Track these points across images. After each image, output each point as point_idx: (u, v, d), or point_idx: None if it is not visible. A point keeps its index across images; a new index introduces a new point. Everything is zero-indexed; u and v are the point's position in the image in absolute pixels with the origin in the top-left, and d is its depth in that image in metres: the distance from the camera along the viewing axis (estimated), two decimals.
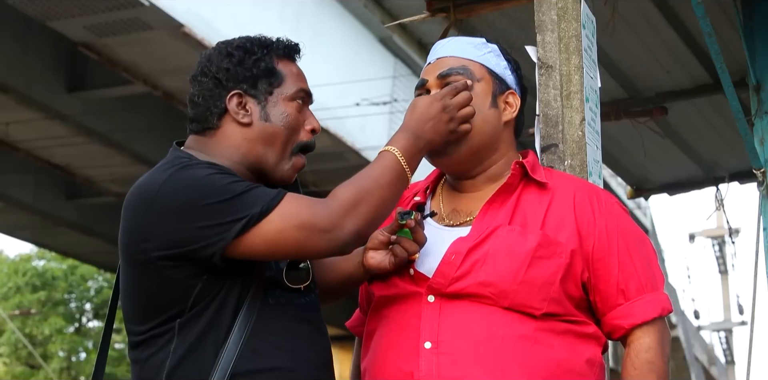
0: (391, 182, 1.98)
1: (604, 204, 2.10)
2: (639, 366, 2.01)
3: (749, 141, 3.52)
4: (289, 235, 1.91)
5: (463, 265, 2.01)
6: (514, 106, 2.17)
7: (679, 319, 21.79)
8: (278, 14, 11.49)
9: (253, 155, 2.09)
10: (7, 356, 25.07)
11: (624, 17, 3.70)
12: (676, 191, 5.50)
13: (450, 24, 3.60)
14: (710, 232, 28.45)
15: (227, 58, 2.11)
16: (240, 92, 2.09)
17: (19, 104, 11.20)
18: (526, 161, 2.14)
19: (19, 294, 24.97)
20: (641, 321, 2.04)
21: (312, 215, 1.91)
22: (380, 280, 2.13)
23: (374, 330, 2.13)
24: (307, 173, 13.56)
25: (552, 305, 1.99)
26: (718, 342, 29.58)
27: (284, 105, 2.11)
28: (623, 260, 2.06)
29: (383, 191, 1.96)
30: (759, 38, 3.71)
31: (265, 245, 1.92)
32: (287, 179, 2.12)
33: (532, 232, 2.02)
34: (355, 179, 1.98)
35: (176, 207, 1.93)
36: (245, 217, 1.90)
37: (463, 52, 2.18)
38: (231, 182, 1.94)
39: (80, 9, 9.49)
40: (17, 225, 15.45)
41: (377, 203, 1.95)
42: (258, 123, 2.09)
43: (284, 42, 2.18)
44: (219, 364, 1.93)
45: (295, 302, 2.05)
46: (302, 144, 2.13)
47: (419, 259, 2.07)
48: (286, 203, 1.93)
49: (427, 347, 1.98)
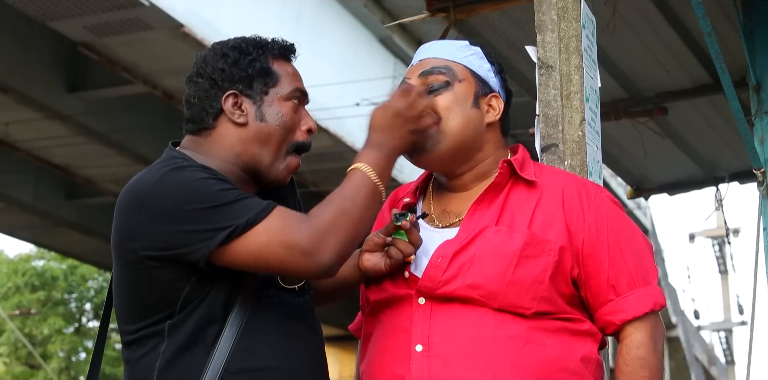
0: (366, 198, 1.97)
1: (593, 199, 2.08)
2: (631, 363, 2.00)
3: (749, 141, 3.52)
4: (273, 251, 1.90)
5: (450, 268, 2.00)
6: (497, 109, 2.16)
7: (679, 319, 21.78)
8: (278, 14, 11.50)
9: (247, 155, 2.08)
10: (6, 356, 25.08)
11: (624, 17, 3.70)
12: (676, 191, 5.50)
13: (450, 24, 3.60)
14: (710, 232, 28.42)
15: (222, 58, 2.11)
16: (236, 92, 2.09)
17: (19, 104, 11.20)
18: (514, 159, 2.12)
19: (18, 294, 24.97)
20: (632, 316, 2.02)
21: (296, 235, 1.90)
22: (374, 284, 2.13)
23: (370, 334, 2.13)
24: (307, 173, 13.56)
25: (543, 303, 1.99)
26: (718, 342, 29.58)
27: (280, 105, 2.11)
28: (613, 255, 2.04)
29: (360, 209, 1.95)
30: (759, 38, 3.71)
31: (249, 257, 1.91)
32: (281, 179, 2.12)
33: (518, 231, 2.02)
34: (332, 200, 1.96)
35: (164, 209, 1.92)
36: (230, 227, 1.89)
37: (446, 53, 2.18)
38: (222, 189, 1.93)
39: (80, 9, 9.49)
40: (17, 225, 15.45)
41: (356, 222, 1.94)
42: (253, 123, 2.09)
43: (279, 42, 2.18)
44: (210, 363, 1.92)
45: (288, 302, 2.05)
46: (298, 144, 2.13)
47: (414, 261, 2.06)
48: (273, 218, 1.91)
49: (419, 350, 1.97)
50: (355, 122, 12.80)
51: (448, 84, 2.12)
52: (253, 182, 2.11)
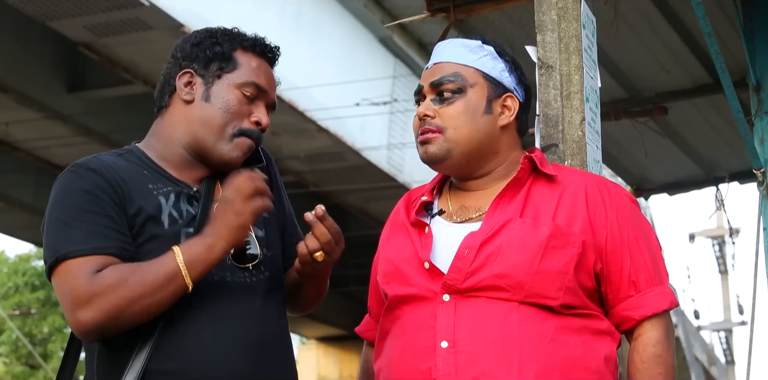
0: (158, 281, 1.94)
1: (614, 197, 2.11)
2: (647, 360, 2.02)
3: (749, 141, 3.52)
4: (60, 292, 1.97)
5: (477, 259, 2.01)
6: (512, 109, 2.17)
7: (679, 319, 21.78)
8: (278, 14, 11.50)
9: (190, 133, 2.12)
10: (6, 355, 25.08)
11: (624, 17, 3.70)
12: (676, 191, 5.51)
13: (450, 24, 3.59)
14: (710, 232, 28.42)
15: (190, 39, 2.18)
16: (191, 72, 2.15)
17: (19, 104, 11.20)
18: (534, 156, 2.15)
19: (18, 294, 24.98)
20: (652, 312, 2.04)
21: (77, 286, 1.94)
22: (394, 279, 2.12)
23: (388, 331, 2.12)
24: (307, 173, 13.57)
25: (568, 295, 2.00)
26: (718, 342, 29.57)
27: (228, 91, 2.14)
28: (634, 253, 2.07)
29: (143, 287, 1.93)
30: (759, 38, 3.71)
31: (56, 288, 1.98)
32: (230, 160, 2.13)
33: (544, 224, 2.03)
34: (132, 267, 1.96)
35: (47, 209, 2.05)
36: (58, 252, 1.97)
37: (459, 57, 2.18)
38: (80, 208, 1.99)
39: (80, 9, 9.50)
40: (17, 225, 15.44)
41: (129, 298, 1.92)
42: (198, 102, 2.13)
43: (256, 37, 2.21)
44: (138, 345, 1.97)
45: (232, 281, 2.07)
46: (243, 129, 2.14)
47: (433, 256, 2.06)
48: (79, 261, 1.95)
49: (444, 346, 1.97)
50: (355, 122, 12.80)
51: (460, 91, 2.13)
52: (202, 165, 2.14)
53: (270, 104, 2.20)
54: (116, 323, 1.94)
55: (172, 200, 2.08)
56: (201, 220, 2.06)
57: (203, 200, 2.10)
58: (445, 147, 2.11)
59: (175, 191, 2.10)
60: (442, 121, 2.12)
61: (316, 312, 20.71)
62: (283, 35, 11.86)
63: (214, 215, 2.02)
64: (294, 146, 12.81)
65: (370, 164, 13.44)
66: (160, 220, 2.04)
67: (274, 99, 2.21)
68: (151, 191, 2.07)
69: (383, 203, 14.88)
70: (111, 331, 1.95)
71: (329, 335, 22.12)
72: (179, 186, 2.11)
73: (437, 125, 2.12)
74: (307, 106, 11.72)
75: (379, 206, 14.82)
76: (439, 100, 2.14)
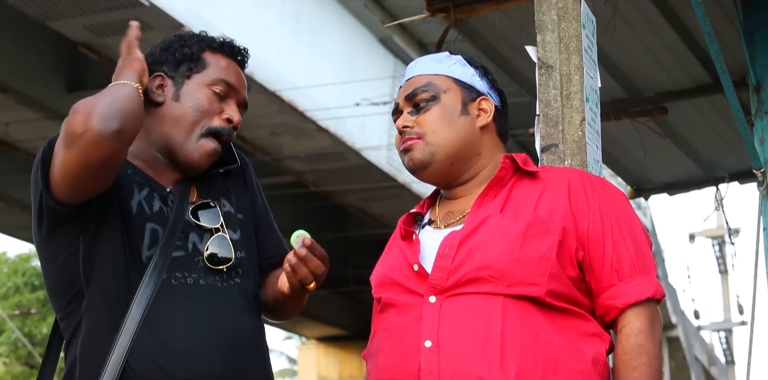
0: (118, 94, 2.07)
1: (597, 188, 2.12)
2: (629, 350, 2.00)
3: (749, 141, 3.52)
4: (66, 149, 2.05)
5: (458, 255, 2.03)
6: (488, 111, 2.20)
7: (679, 319, 21.79)
8: (278, 14, 11.50)
9: (158, 134, 2.16)
10: (6, 355, 25.08)
11: (624, 17, 3.70)
12: (676, 191, 5.50)
13: (450, 24, 3.60)
14: (710, 232, 28.45)
15: (160, 44, 2.25)
16: (161, 75, 2.20)
17: (19, 104, 11.21)
18: (517, 156, 2.17)
19: (18, 294, 24.98)
20: (635, 300, 2.03)
21: (67, 122, 2.09)
22: (385, 286, 2.15)
23: (376, 333, 2.15)
24: (307, 173, 13.57)
25: (552, 281, 2.00)
26: (718, 342, 29.60)
27: (198, 89, 2.18)
28: (617, 242, 2.07)
29: (111, 95, 2.07)
30: (759, 38, 3.71)
31: (61, 167, 2.03)
32: (194, 162, 2.16)
33: (523, 216, 2.05)
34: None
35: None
36: (43, 160, 2.09)
37: (428, 68, 2.24)
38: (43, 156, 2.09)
39: (80, 9, 9.50)
40: (17, 225, 15.45)
41: (108, 101, 2.05)
42: (169, 102, 2.18)
43: (224, 39, 2.25)
44: (117, 341, 1.98)
45: (204, 285, 2.08)
46: (212, 128, 2.17)
47: (422, 261, 2.08)
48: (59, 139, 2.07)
49: (428, 346, 1.99)
50: (355, 122, 12.81)
51: (434, 98, 2.18)
52: (174, 168, 2.17)
53: (241, 103, 2.23)
54: (120, 117, 2.00)
55: (144, 194, 2.12)
56: (175, 222, 2.09)
57: (177, 202, 2.13)
58: (427, 151, 2.15)
59: (150, 187, 2.14)
60: (421, 127, 2.16)
61: (316, 312, 20.72)
62: (283, 35, 11.87)
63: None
64: (294, 146, 12.83)
65: (370, 164, 13.45)
66: (129, 205, 2.09)
67: (246, 98, 2.25)
68: (130, 178, 2.13)
69: (383, 203, 14.90)
70: (126, 128, 2.00)
71: (329, 335, 22.14)
72: (154, 185, 2.15)
73: (416, 131, 2.16)
74: (307, 106, 11.72)
75: (379, 206, 14.84)
76: (415, 111, 2.19)
